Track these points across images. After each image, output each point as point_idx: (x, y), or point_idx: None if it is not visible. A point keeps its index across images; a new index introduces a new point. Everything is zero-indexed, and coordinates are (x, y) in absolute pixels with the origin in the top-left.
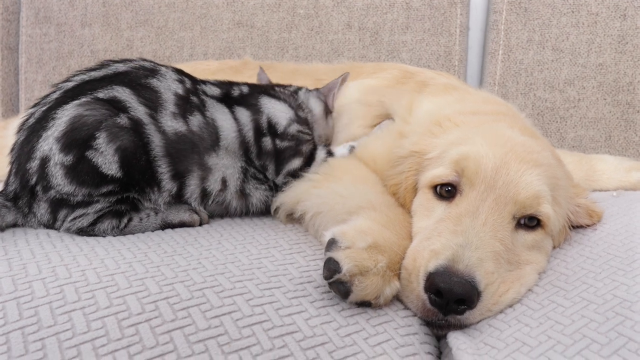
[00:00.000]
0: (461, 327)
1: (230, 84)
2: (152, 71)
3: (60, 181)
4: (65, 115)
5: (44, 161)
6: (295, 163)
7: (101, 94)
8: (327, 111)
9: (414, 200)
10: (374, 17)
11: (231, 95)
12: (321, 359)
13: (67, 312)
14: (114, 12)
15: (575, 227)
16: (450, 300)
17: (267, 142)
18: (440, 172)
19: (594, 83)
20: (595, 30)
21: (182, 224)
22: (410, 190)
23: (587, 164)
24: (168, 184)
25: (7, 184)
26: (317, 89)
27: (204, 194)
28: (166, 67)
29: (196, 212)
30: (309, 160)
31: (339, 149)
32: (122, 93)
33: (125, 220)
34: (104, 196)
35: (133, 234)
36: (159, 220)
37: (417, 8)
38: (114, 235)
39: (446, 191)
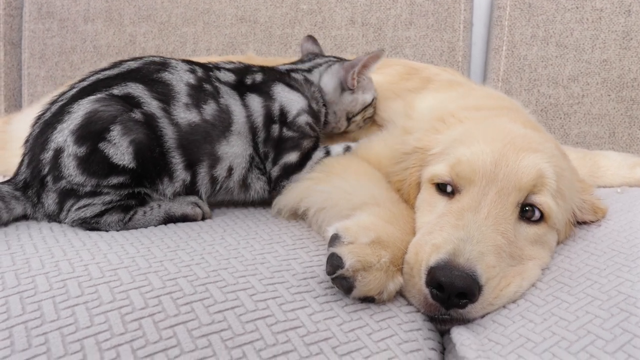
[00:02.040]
0: (464, 321)
1: (246, 70)
2: (163, 65)
3: (72, 172)
4: (81, 110)
5: (58, 152)
6: (292, 157)
7: (116, 91)
8: (343, 87)
9: (417, 196)
10: (377, 13)
11: (244, 83)
12: (324, 354)
13: (70, 306)
14: (117, 7)
15: (580, 223)
16: (451, 294)
17: (275, 129)
18: (437, 171)
19: (598, 79)
20: (600, 26)
21: (184, 217)
22: (414, 186)
23: (590, 161)
24: (182, 174)
25: (17, 173)
26: (342, 62)
27: (212, 181)
28: (176, 60)
29: (199, 206)
30: (304, 158)
31: (335, 148)
32: (136, 89)
33: (130, 213)
34: (114, 188)
35: (136, 228)
36: (162, 212)
37: (421, 4)
38: (118, 230)
39: (446, 186)
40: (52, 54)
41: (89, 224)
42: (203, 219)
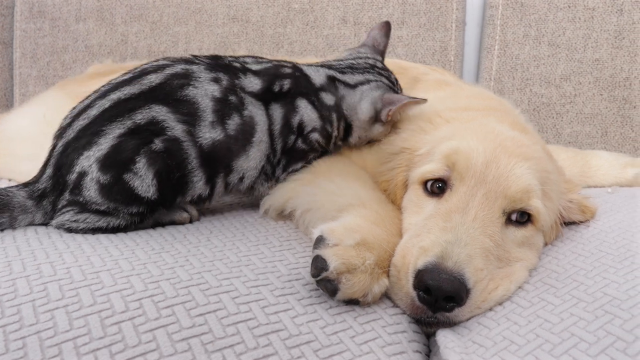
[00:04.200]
0: (450, 324)
1: (276, 75)
2: (186, 77)
3: (92, 194)
4: (107, 141)
5: (82, 175)
6: (298, 165)
7: (139, 117)
8: (377, 119)
9: (404, 197)
10: (369, 12)
11: (272, 90)
12: (306, 357)
13: (49, 310)
14: (108, 6)
15: (568, 223)
16: (438, 298)
17: (292, 139)
18: (431, 168)
19: (590, 78)
20: (592, 25)
21: (172, 223)
22: (401, 186)
23: (582, 160)
24: (200, 189)
25: (37, 181)
26: (384, 90)
27: (225, 186)
28: (197, 62)
29: (186, 211)
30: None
31: None
32: (160, 112)
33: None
34: (131, 216)
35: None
36: (151, 221)
37: (413, 3)
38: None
39: (437, 187)
40: (43, 53)
41: (75, 231)
42: (190, 221)
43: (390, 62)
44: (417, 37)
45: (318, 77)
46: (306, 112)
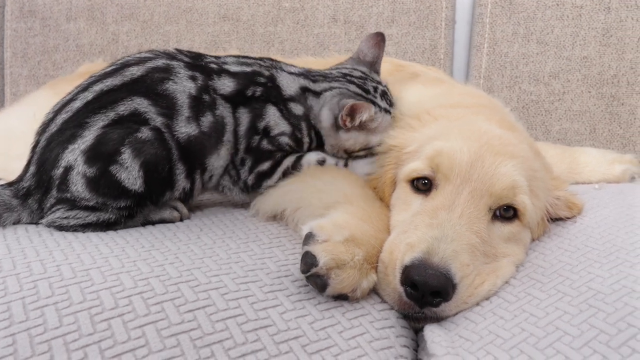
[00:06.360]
0: (438, 319)
1: (252, 80)
2: (166, 71)
3: (79, 188)
4: (91, 133)
5: (68, 169)
6: (265, 165)
7: (122, 108)
8: (338, 125)
9: (392, 194)
10: (359, 11)
11: (244, 94)
12: (294, 352)
13: (39, 307)
14: (99, 6)
15: (555, 219)
16: (425, 293)
17: (256, 139)
18: (416, 166)
19: (579, 76)
20: (580, 23)
21: (162, 221)
22: (389, 184)
23: (570, 157)
24: (183, 183)
25: (21, 179)
26: (343, 96)
27: (203, 184)
28: (177, 57)
29: (176, 209)
30: (275, 165)
31: (310, 155)
32: (141, 104)
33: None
34: (119, 210)
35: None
36: (141, 219)
37: (403, 1)
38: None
39: (423, 184)
40: (34, 53)
41: (66, 228)
42: (181, 219)
43: (388, 60)
44: (406, 35)
45: (291, 87)
46: (273, 119)
